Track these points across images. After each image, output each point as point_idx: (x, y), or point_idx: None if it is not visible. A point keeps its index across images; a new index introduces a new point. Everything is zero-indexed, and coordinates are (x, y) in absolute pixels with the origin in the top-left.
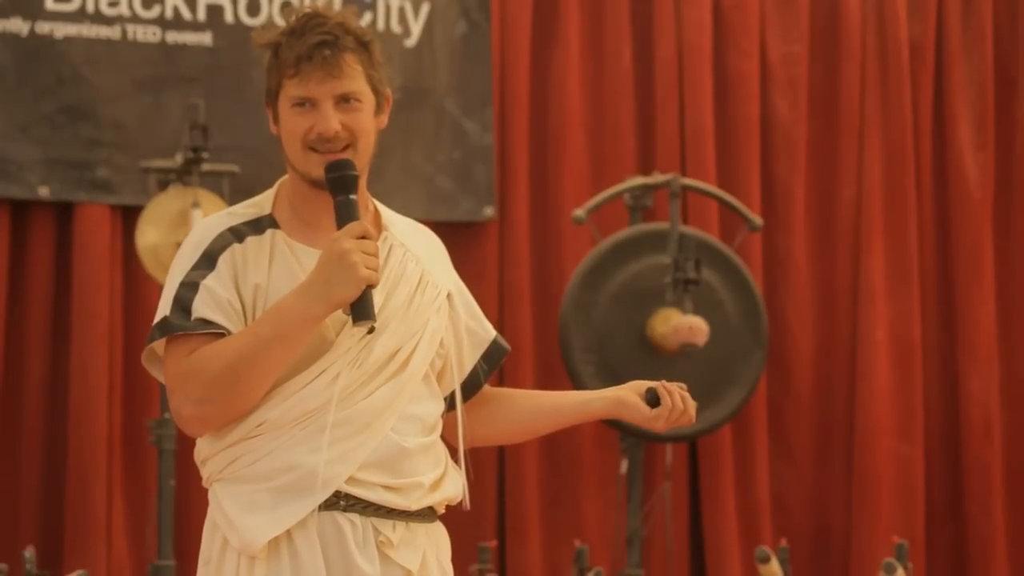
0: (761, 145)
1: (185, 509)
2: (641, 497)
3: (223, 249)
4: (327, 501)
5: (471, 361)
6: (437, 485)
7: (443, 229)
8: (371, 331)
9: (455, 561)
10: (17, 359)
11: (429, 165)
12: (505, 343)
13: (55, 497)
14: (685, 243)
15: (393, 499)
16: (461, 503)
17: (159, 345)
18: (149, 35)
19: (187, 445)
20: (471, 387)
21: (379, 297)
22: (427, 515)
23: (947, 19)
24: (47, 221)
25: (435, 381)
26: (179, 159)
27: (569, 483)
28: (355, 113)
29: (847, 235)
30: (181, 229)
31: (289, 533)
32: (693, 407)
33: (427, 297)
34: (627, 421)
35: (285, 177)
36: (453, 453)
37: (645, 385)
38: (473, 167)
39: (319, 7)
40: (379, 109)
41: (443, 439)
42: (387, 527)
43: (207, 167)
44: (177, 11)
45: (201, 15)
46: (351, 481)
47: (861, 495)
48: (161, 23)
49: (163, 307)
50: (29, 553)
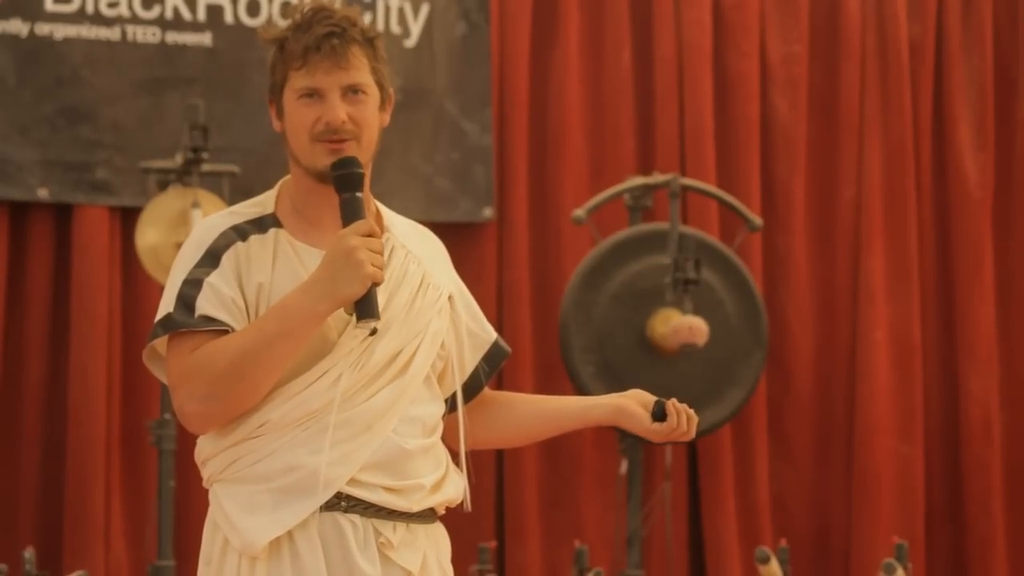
0: (761, 145)
1: (185, 509)
2: (641, 497)
3: (227, 247)
4: (328, 502)
5: (472, 363)
6: (438, 487)
7: (442, 230)
8: (373, 332)
9: (455, 562)
10: (16, 360)
11: (428, 166)
12: (506, 345)
13: (54, 498)
14: (685, 243)
15: (394, 500)
16: (462, 505)
17: (161, 343)
18: (149, 36)
19: (187, 445)
20: (472, 389)
21: (381, 298)
22: (427, 516)
23: (947, 19)
24: (46, 223)
25: (436, 383)
26: (179, 159)
27: (569, 483)
28: (361, 105)
29: (847, 235)
30: (181, 229)
31: (290, 534)
32: (695, 426)
33: (428, 299)
34: (626, 430)
35: (287, 177)
36: (454, 456)
37: (648, 395)
38: (472, 168)
39: (324, 3)
40: (383, 105)
41: (443, 441)
42: (387, 528)
43: (207, 167)
44: (177, 12)
45: (201, 16)
46: (352, 482)
47: (861, 495)
48: (161, 24)
49: (166, 304)
50: (29, 554)
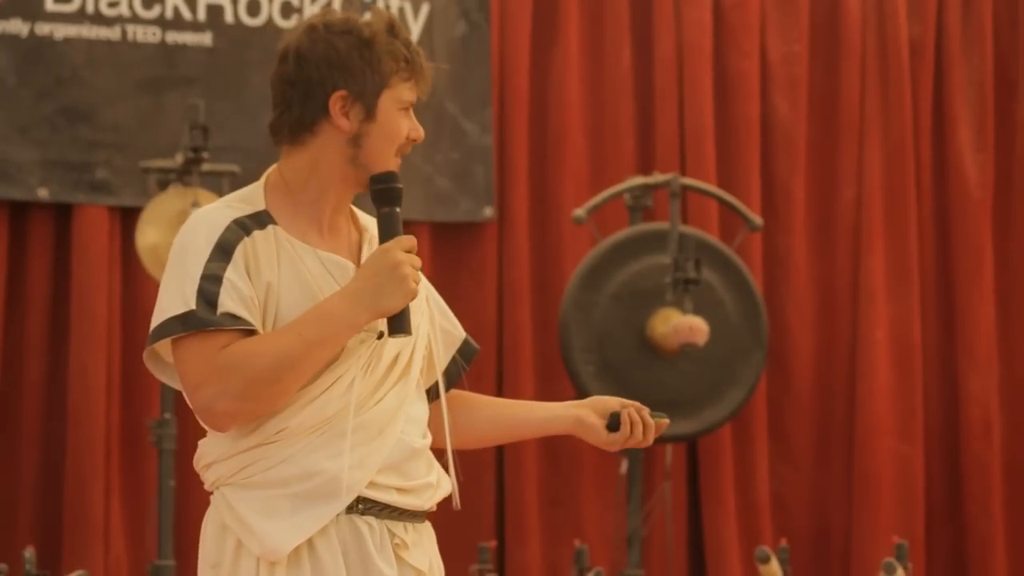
0: (761, 145)
1: (185, 509)
2: (641, 497)
3: (237, 241)
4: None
5: (446, 361)
6: (438, 484)
7: (442, 230)
8: (380, 336)
9: (455, 561)
10: (16, 360)
11: (428, 165)
12: (475, 343)
13: (54, 497)
14: (685, 243)
15: (408, 501)
16: (452, 502)
17: (163, 343)
18: (149, 35)
19: (187, 445)
20: (448, 386)
21: None
22: (423, 516)
23: (947, 19)
24: (46, 223)
25: (422, 382)
26: (179, 159)
27: (569, 483)
28: None
29: (847, 235)
30: None
31: (310, 538)
32: (652, 433)
33: (417, 299)
34: (585, 440)
35: (272, 170)
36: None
37: (609, 403)
38: (472, 167)
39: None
40: None
41: None
42: (400, 529)
43: (207, 167)
44: (177, 11)
45: (201, 15)
46: (369, 485)
47: (861, 495)
48: (161, 23)
49: (180, 299)
50: (29, 553)
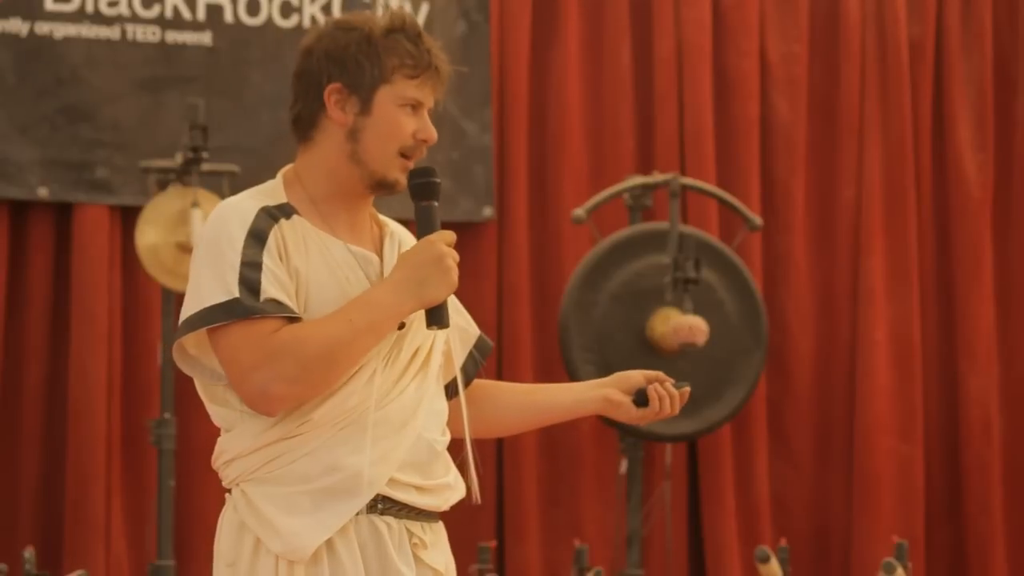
0: (761, 145)
1: (185, 509)
2: (641, 497)
3: (269, 229)
4: (366, 504)
5: (462, 357)
6: (455, 485)
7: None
8: (401, 327)
9: (455, 561)
10: (16, 360)
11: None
12: (489, 340)
13: (55, 497)
14: (685, 243)
15: (427, 501)
16: (469, 498)
17: (189, 335)
18: (149, 35)
19: (187, 445)
20: (466, 382)
21: None
22: (438, 516)
23: (947, 19)
24: (46, 222)
25: (440, 377)
26: (179, 159)
27: (568, 482)
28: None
29: (847, 235)
30: (181, 229)
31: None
32: (679, 404)
33: None
34: (613, 419)
35: (289, 168)
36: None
37: (632, 378)
38: (472, 167)
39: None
40: None
41: None
42: (417, 528)
43: (207, 167)
44: (177, 11)
45: (201, 15)
46: (389, 483)
47: (861, 495)
48: (161, 23)
49: (220, 289)
50: (29, 553)
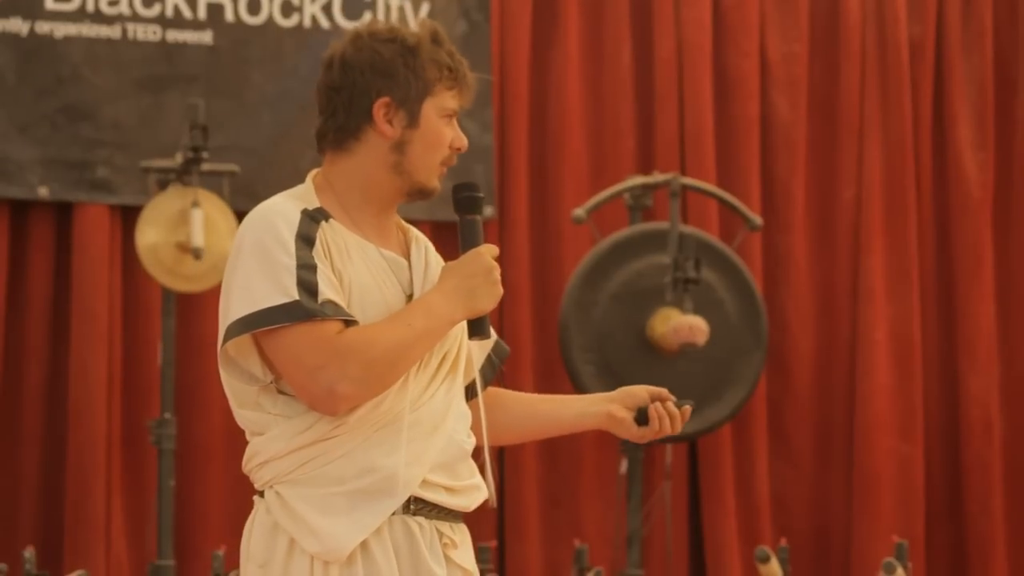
0: (761, 145)
1: (185, 509)
2: (641, 497)
3: (314, 231)
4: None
5: (480, 361)
6: (480, 487)
7: (443, 229)
8: None
9: None
10: (16, 359)
11: None
12: (505, 344)
13: (55, 497)
14: (685, 243)
15: (456, 501)
16: (486, 501)
17: (241, 339)
18: (149, 34)
19: (187, 445)
20: (484, 385)
21: None
22: (462, 516)
23: (947, 19)
24: (46, 221)
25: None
26: (179, 159)
27: (569, 483)
28: None
29: (847, 235)
30: (181, 229)
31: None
32: (680, 423)
33: None
34: (616, 435)
35: (316, 173)
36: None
37: (636, 394)
38: (473, 167)
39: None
40: None
41: None
42: (446, 528)
43: (207, 167)
44: (177, 10)
45: (201, 14)
46: (421, 484)
47: (861, 495)
48: (161, 22)
49: (277, 291)
50: (29, 553)
